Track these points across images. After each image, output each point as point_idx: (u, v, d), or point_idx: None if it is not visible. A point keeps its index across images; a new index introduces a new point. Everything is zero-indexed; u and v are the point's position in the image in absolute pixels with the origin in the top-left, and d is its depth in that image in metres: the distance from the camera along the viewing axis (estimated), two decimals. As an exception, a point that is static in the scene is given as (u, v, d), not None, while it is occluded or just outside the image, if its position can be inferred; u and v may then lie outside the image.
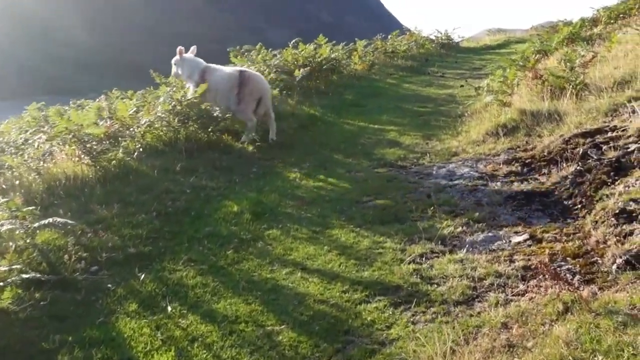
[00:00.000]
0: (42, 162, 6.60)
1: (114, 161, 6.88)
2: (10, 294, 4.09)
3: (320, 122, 10.27)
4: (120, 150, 7.04)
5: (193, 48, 9.25)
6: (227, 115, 8.51)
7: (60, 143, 7.21)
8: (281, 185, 6.99)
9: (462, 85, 13.84)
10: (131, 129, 7.91)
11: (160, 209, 6.03)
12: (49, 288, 4.36)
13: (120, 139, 7.65)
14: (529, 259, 4.43)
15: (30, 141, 8.01)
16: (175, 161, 7.39)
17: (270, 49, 14.11)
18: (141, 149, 7.50)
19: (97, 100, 10.07)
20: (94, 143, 6.96)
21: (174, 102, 8.28)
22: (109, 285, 4.56)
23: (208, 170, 7.31)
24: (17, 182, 6.25)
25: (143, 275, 4.69)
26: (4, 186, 6.27)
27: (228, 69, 9.17)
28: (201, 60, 9.09)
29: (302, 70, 11.21)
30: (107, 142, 7.44)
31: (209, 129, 8.30)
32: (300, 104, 10.92)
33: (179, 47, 9.11)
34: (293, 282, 4.55)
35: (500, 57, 18.38)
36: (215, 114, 8.46)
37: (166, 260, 5.01)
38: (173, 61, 9.34)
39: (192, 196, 6.46)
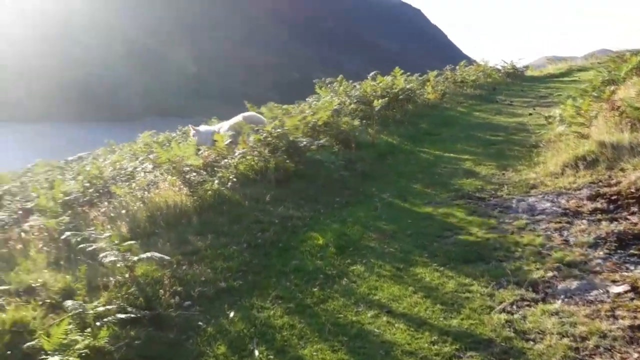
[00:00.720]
0: (146, 192, 6.31)
1: (209, 191, 6.50)
2: (107, 333, 3.69)
3: (398, 151, 9.59)
4: (216, 181, 6.66)
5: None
6: (313, 147, 8.01)
7: (164, 172, 6.95)
8: (363, 216, 6.37)
9: (530, 114, 12.77)
10: (226, 160, 7.54)
11: (250, 240, 5.57)
12: (143, 325, 3.96)
13: (216, 169, 7.30)
14: (635, 317, 3.59)
15: (138, 169, 7.82)
16: (265, 190, 6.95)
17: (349, 80, 13.64)
18: (235, 179, 7.10)
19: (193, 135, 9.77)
20: (193, 174, 6.63)
21: (265, 133, 7.87)
22: (200, 323, 4.10)
23: (295, 200, 6.81)
24: (124, 211, 5.98)
25: (232, 313, 4.21)
26: (112, 214, 6.02)
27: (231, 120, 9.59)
28: (210, 127, 9.92)
29: (380, 100, 10.58)
30: (205, 171, 7.11)
31: (296, 159, 7.83)
32: (379, 133, 10.29)
33: (190, 125, 10.15)
34: (379, 328, 3.92)
35: (566, 86, 17.08)
36: (301, 145, 7.98)
37: (255, 295, 4.51)
38: (192, 135, 9.69)
39: (280, 227, 5.96)
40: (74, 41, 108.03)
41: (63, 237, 4.49)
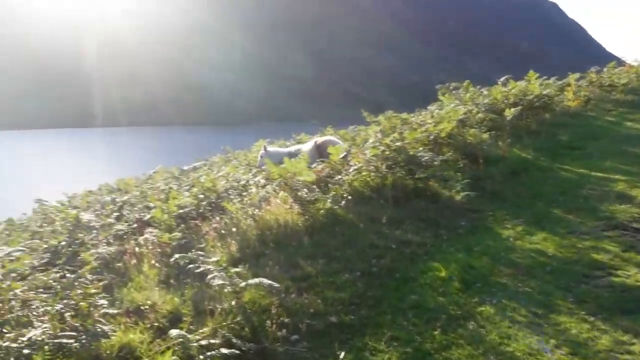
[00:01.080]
0: (256, 210, 6.27)
1: (322, 210, 6.34)
2: (210, 368, 3.61)
3: (533, 168, 8.81)
4: (329, 200, 6.47)
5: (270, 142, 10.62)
6: (435, 162, 7.57)
7: (276, 188, 6.92)
8: (493, 245, 5.84)
9: (698, 125, 11.23)
10: (340, 176, 7.36)
11: (365, 268, 5.30)
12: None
13: (330, 185, 7.14)
14: None
15: (251, 182, 7.89)
16: (382, 210, 6.64)
17: (475, 85, 12.93)
18: (349, 197, 6.89)
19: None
20: (304, 191, 6.51)
21: (382, 147, 7.58)
22: (307, 363, 3.90)
23: (414, 223, 6.43)
24: (234, 228, 5.99)
25: (342, 354, 3.96)
26: (223, 231, 6.07)
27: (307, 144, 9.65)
28: (280, 149, 10.09)
29: (512, 109, 9.83)
30: (317, 188, 6.98)
31: (416, 175, 7.45)
32: (510, 146, 9.56)
33: (263, 145, 9.98)
34: (514, 390, 3.46)
35: None
36: (422, 160, 7.58)
37: (368, 334, 4.22)
38: (260, 155, 9.68)
39: (397, 254, 5.62)
40: (195, 49, 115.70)
41: (172, 259, 4.52)
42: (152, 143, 77.71)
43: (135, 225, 6.81)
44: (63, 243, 5.76)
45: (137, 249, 5.79)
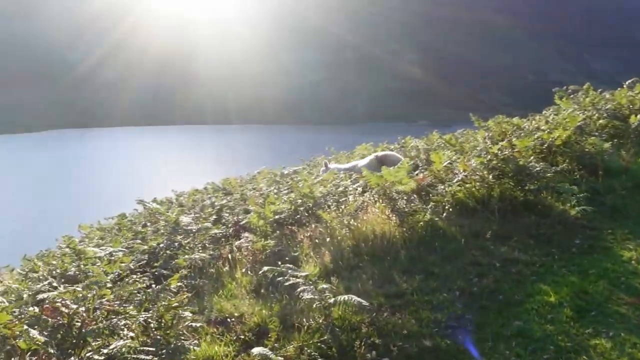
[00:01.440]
0: (352, 219, 6.11)
1: (421, 222, 6.06)
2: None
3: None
4: (429, 212, 6.17)
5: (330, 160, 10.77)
6: (548, 174, 6.99)
7: (375, 197, 6.72)
8: (611, 268, 5.26)
9: None
10: (442, 186, 7.01)
11: (464, 287, 4.98)
12: (334, 383, 3.69)
13: (430, 195, 6.83)
14: None
15: (350, 189, 7.75)
16: (486, 224, 6.24)
17: (597, 88, 11.90)
18: (450, 209, 6.54)
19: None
20: (403, 201, 6.26)
21: (489, 156, 7.13)
22: (397, 392, 3.69)
23: (522, 239, 5.96)
24: (329, 238, 5.89)
25: (436, 384, 3.70)
26: (317, 240, 5.98)
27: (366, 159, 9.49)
28: (338, 165, 10.22)
29: (639, 116, 8.89)
30: (416, 196, 6.70)
31: (526, 187, 6.92)
32: (635, 156, 8.65)
33: (324, 161, 10.68)
34: None
35: None
36: (534, 170, 7.03)
37: (464, 363, 3.93)
38: (321, 171, 10.08)
39: (502, 273, 5.23)
40: (306, 49, 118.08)
41: (261, 272, 4.49)
42: (260, 141, 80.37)
43: (232, 229, 6.93)
44: (161, 245, 5.97)
45: (230, 255, 5.85)
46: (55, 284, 3.90)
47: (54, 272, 5.22)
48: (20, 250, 9.43)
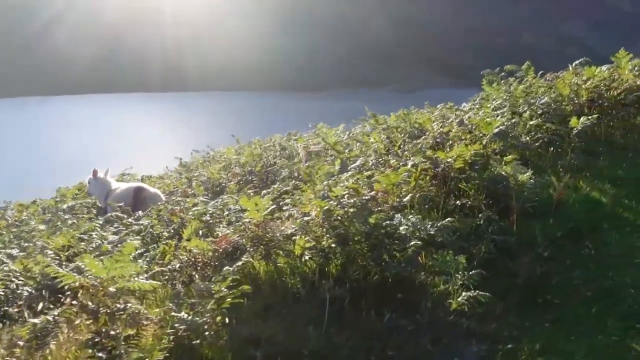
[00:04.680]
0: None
1: None
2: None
3: (609, 223, 5.19)
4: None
5: (107, 170, 8.71)
6: (422, 235, 4.31)
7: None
8: None
9: None
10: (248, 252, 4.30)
11: None
12: None
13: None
14: None
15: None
16: (303, 334, 3.58)
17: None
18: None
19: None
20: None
21: (334, 203, 4.44)
22: None
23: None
24: None
25: None
26: None
27: (124, 186, 8.35)
28: (110, 182, 8.56)
29: (582, 118, 6.20)
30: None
31: (381, 260, 4.25)
32: (575, 177, 5.97)
33: (94, 169, 8.59)
34: None
35: None
36: (399, 231, 4.34)
37: None
38: (87, 180, 8.79)
39: None
40: (275, 13, 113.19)
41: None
42: (221, 108, 76.26)
43: None
44: None
45: None
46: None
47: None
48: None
